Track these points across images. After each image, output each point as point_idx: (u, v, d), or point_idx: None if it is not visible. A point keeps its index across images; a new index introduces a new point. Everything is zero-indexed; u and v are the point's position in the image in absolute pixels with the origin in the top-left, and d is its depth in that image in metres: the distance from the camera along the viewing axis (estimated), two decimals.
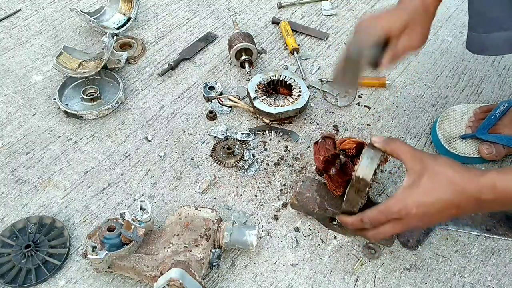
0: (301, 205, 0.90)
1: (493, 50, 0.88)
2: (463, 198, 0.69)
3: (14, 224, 0.92)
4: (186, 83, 1.21)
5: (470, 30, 0.89)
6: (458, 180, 0.69)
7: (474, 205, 0.70)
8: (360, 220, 0.77)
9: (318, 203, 0.89)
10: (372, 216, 0.76)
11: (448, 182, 0.70)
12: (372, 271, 0.88)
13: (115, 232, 0.83)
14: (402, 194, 0.72)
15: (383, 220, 0.75)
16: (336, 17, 1.38)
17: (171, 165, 1.04)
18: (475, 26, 0.88)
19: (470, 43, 0.91)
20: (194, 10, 1.41)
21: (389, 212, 0.73)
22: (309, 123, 1.11)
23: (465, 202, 0.69)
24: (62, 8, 1.41)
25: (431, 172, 0.71)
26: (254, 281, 0.87)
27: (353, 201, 0.81)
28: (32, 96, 1.18)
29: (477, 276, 0.87)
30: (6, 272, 0.86)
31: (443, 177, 0.70)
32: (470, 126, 1.02)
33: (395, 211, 0.72)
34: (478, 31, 0.87)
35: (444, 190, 0.70)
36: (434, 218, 0.73)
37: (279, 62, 1.26)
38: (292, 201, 0.91)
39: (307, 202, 0.90)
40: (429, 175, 0.71)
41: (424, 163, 0.72)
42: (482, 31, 0.87)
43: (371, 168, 0.77)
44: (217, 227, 0.86)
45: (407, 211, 0.71)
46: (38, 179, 1.01)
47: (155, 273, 0.80)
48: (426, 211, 0.71)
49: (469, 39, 0.91)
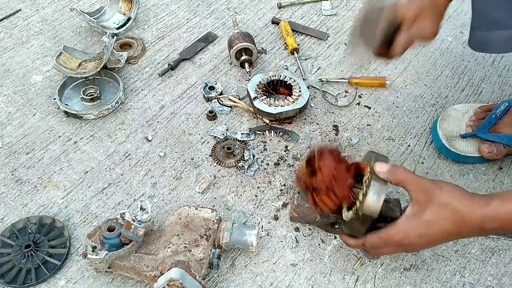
0: (302, 217, 0.88)
1: (495, 48, 0.87)
2: (466, 229, 0.71)
3: (14, 224, 0.92)
4: (186, 83, 1.21)
5: (473, 28, 0.89)
6: (463, 211, 0.70)
7: (476, 233, 0.75)
8: (362, 244, 0.79)
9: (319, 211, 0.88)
10: (373, 242, 0.77)
11: (452, 214, 0.70)
12: (372, 271, 0.88)
13: (115, 232, 0.83)
14: (405, 225, 0.73)
15: (383, 246, 0.77)
16: (336, 17, 1.38)
17: (171, 165, 1.04)
18: (478, 24, 0.88)
19: (472, 41, 0.90)
20: (194, 10, 1.41)
21: (391, 240, 0.75)
22: (309, 123, 1.11)
23: (468, 231, 0.72)
24: (62, 8, 1.41)
25: (436, 205, 0.71)
26: (254, 281, 0.87)
27: (356, 230, 0.79)
28: (32, 96, 1.18)
29: (477, 276, 0.87)
30: (6, 272, 0.86)
31: (447, 210, 0.70)
32: (471, 126, 1.02)
33: (396, 240, 0.74)
34: (481, 29, 0.87)
35: (448, 223, 0.71)
36: (436, 244, 0.77)
37: (279, 62, 1.26)
38: (292, 214, 0.89)
39: (307, 213, 0.88)
40: (433, 208, 0.71)
41: (429, 194, 0.71)
42: (484, 29, 0.86)
43: (378, 205, 0.73)
44: (217, 227, 0.86)
45: (409, 241, 0.73)
46: (38, 179, 1.01)
47: (155, 273, 0.80)
48: (428, 241, 0.74)
49: (471, 37, 0.90)
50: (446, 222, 0.71)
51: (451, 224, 0.71)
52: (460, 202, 0.70)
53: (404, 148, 1.06)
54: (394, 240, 0.74)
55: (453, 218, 0.70)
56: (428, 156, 1.05)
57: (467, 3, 1.42)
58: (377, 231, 0.76)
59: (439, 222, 0.71)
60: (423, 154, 1.05)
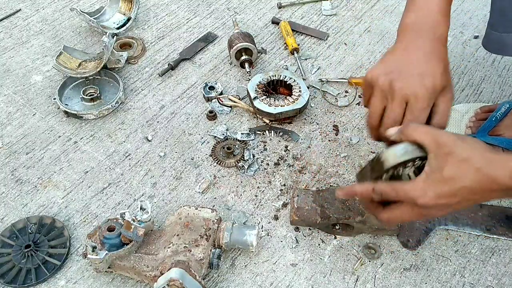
0: (303, 220, 0.89)
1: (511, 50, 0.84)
2: (493, 186, 0.63)
3: (14, 224, 0.92)
4: (186, 83, 1.21)
5: (490, 28, 0.86)
6: (486, 166, 0.62)
7: (501, 191, 0.64)
8: (372, 190, 0.70)
9: (320, 213, 0.88)
10: (384, 189, 0.68)
11: (475, 170, 0.63)
12: (372, 271, 0.88)
13: (115, 232, 0.82)
14: (423, 182, 0.65)
15: (393, 198, 0.68)
16: (336, 17, 1.38)
17: (171, 165, 1.04)
18: (496, 24, 0.85)
19: (488, 42, 0.87)
20: (194, 10, 1.41)
21: (404, 195, 0.67)
22: (309, 123, 1.11)
23: (494, 188, 0.63)
24: (62, 8, 1.41)
25: (456, 159, 0.63)
26: (254, 281, 0.87)
27: (363, 176, 0.73)
28: (32, 96, 1.18)
29: (477, 276, 0.87)
30: (6, 272, 0.86)
31: (469, 164, 0.63)
32: (471, 127, 1.02)
33: (411, 196, 0.66)
34: (499, 30, 0.84)
35: (470, 178, 0.63)
36: (456, 207, 0.67)
37: (279, 62, 1.26)
38: (293, 218, 0.89)
39: (307, 215, 0.89)
40: (453, 162, 0.63)
41: (448, 147, 0.64)
42: (502, 30, 0.84)
43: (395, 159, 0.68)
44: (217, 227, 0.86)
45: (426, 202, 0.65)
46: (38, 179, 1.01)
47: (155, 273, 0.80)
48: (448, 202, 0.65)
49: (487, 38, 0.87)
50: (468, 178, 0.62)
51: (474, 181, 0.62)
52: (483, 156, 0.63)
53: None
54: (408, 196, 0.65)
55: (477, 175, 0.62)
56: None
57: (467, 3, 1.42)
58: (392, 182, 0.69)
59: (461, 178, 0.62)
60: None
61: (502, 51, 0.87)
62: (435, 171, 0.64)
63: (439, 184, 0.64)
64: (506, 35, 0.84)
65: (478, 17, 1.37)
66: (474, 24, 1.34)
